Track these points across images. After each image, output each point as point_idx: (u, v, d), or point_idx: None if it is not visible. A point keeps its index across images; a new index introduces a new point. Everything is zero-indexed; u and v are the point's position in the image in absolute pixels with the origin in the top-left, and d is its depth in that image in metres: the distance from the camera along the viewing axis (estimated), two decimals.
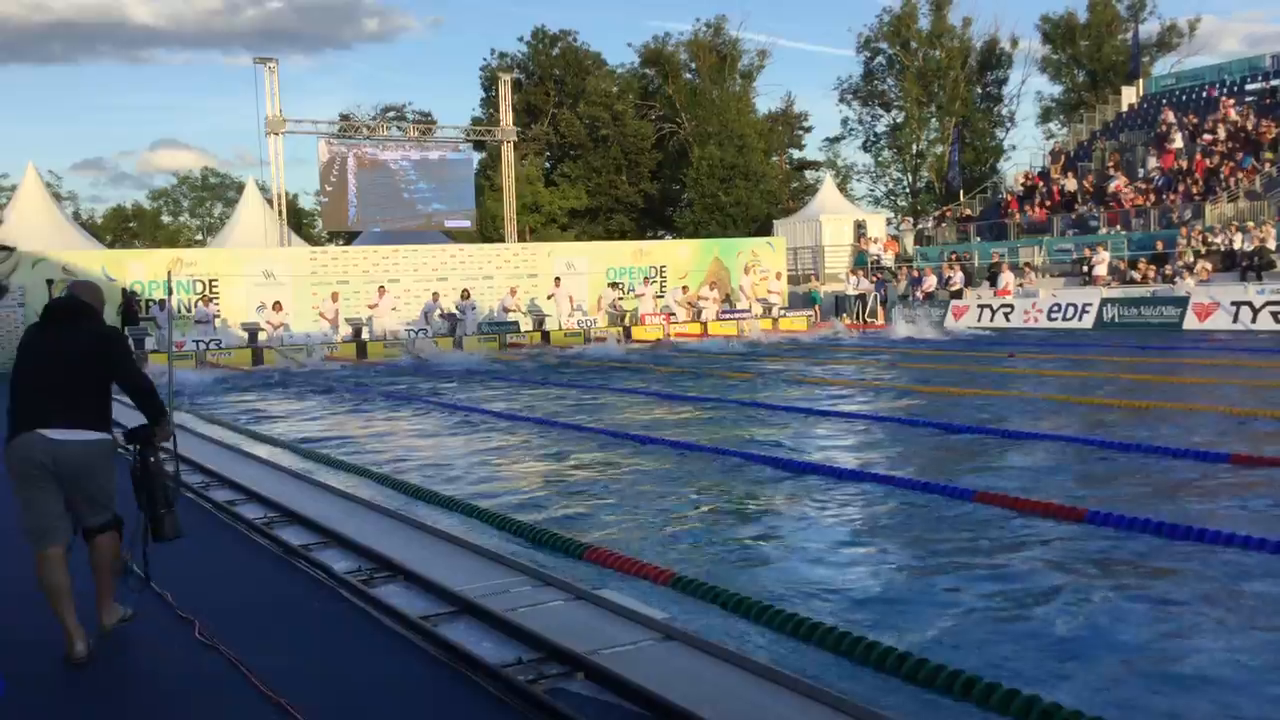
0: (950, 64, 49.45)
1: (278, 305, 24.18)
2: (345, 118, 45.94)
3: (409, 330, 24.97)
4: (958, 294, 28.13)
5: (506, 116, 34.95)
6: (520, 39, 56.72)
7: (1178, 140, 31.36)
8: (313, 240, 46.58)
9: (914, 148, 52.19)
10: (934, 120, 51.06)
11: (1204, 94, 34.80)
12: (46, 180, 41.53)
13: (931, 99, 50.37)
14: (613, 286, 28.49)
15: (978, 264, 30.48)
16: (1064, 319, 24.65)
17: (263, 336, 23.41)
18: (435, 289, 26.36)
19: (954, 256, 30.47)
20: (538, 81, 53.37)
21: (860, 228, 37.02)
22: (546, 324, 26.21)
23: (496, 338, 24.97)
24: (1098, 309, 24.21)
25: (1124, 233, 28.27)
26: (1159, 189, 29.64)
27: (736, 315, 28.12)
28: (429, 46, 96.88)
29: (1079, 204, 31.26)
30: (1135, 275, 25.76)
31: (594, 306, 27.70)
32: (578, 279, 28.51)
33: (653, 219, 53.45)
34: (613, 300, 27.64)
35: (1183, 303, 22.87)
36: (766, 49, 56.98)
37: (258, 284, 25.16)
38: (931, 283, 29.24)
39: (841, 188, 48.65)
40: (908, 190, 53.74)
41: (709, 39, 52.58)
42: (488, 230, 43.72)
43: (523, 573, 5.42)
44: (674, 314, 27.96)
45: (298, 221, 47.93)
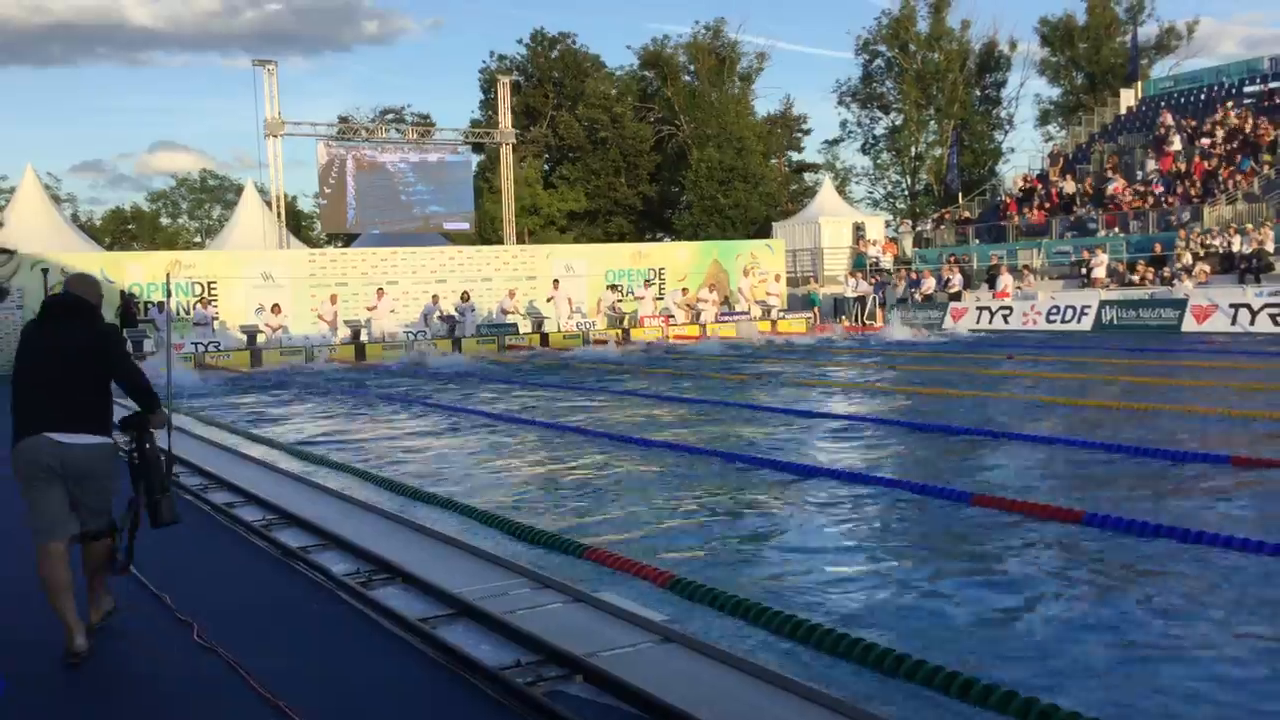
0: (949, 66, 49.44)
1: (276, 307, 24.19)
2: (344, 120, 45.84)
3: (408, 332, 24.98)
4: (956, 296, 28.17)
5: (505, 119, 34.99)
6: (519, 41, 56.73)
7: (1176, 143, 31.37)
8: (311, 242, 46.54)
9: (913, 150, 52.18)
10: (933, 123, 51.05)
11: (1202, 96, 34.84)
12: (45, 182, 41.50)
13: (930, 101, 50.37)
14: (612, 289, 28.51)
15: (976, 266, 30.52)
16: (1062, 321, 24.68)
17: (261, 339, 23.42)
18: (435, 291, 26.38)
19: (952, 259, 30.51)
20: (536, 84, 53.35)
21: (859, 230, 37.03)
22: (545, 326, 26.24)
23: (495, 340, 24.98)
24: (1096, 311, 24.23)
25: (1122, 235, 28.30)
26: (1157, 191, 29.65)
27: (735, 317, 28.15)
28: (428, 49, 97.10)
29: (1077, 206, 31.28)
30: (1134, 278, 25.79)
31: (593, 309, 27.72)
32: (576, 281, 28.54)
33: (651, 221, 53.43)
34: (612, 303, 27.66)
35: (1181, 305, 22.89)
36: (765, 51, 57.01)
37: (256, 286, 25.18)
38: (930, 285, 29.26)
39: (840, 190, 48.65)
40: (906, 193, 53.73)
41: (708, 41, 52.56)
42: (486, 232, 43.71)
43: (521, 575, 5.42)
44: (673, 316, 27.99)
45: (296, 224, 47.88)
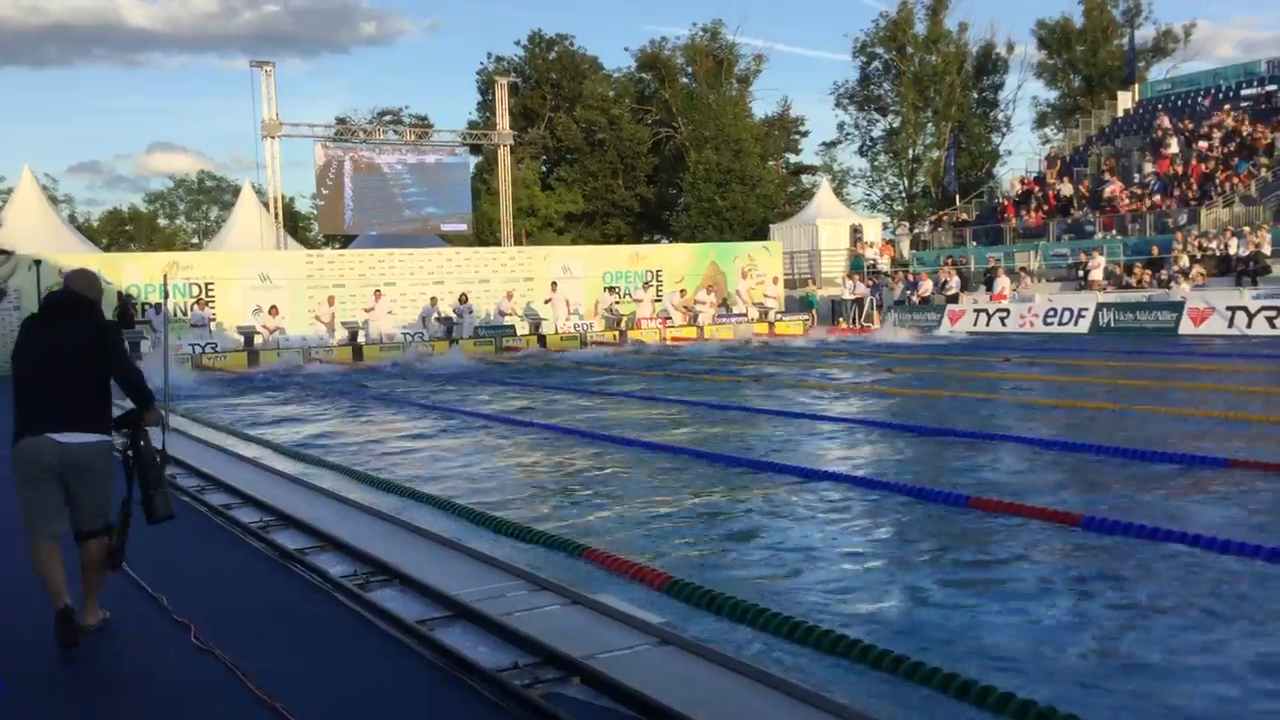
0: (946, 69, 49.48)
1: (274, 309, 24.17)
2: (342, 121, 45.79)
3: (405, 333, 24.97)
4: (954, 298, 28.18)
5: (503, 120, 34.99)
6: (517, 43, 56.79)
7: (1173, 145, 31.41)
8: (309, 244, 46.54)
9: (910, 152, 52.21)
10: (930, 125, 51.08)
11: (1199, 99, 34.87)
12: (42, 183, 41.39)
13: (928, 104, 50.40)
14: (610, 291, 28.52)
15: (974, 268, 30.54)
16: (1060, 324, 24.70)
17: (259, 340, 23.40)
18: (432, 293, 26.37)
19: (950, 261, 30.53)
20: (534, 85, 53.35)
21: (856, 232, 37.06)
22: (543, 328, 26.24)
23: (493, 341, 24.97)
24: (1093, 314, 24.25)
25: (1119, 238, 28.31)
26: (1154, 194, 29.70)
27: (733, 319, 28.16)
28: (426, 50, 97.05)
29: (1075, 209, 31.31)
30: (1131, 280, 25.82)
31: (591, 310, 27.72)
32: (574, 283, 28.54)
33: (649, 223, 53.45)
34: (610, 305, 27.67)
35: (1178, 308, 22.91)
36: (763, 54, 56.75)
37: (254, 287, 25.16)
38: (928, 287, 29.27)
39: (838, 192, 48.68)
40: (904, 195, 53.77)
41: (706, 43, 52.58)
42: (484, 234, 43.68)
43: (519, 577, 5.42)
44: (670, 318, 27.99)
45: (294, 225, 47.89)
